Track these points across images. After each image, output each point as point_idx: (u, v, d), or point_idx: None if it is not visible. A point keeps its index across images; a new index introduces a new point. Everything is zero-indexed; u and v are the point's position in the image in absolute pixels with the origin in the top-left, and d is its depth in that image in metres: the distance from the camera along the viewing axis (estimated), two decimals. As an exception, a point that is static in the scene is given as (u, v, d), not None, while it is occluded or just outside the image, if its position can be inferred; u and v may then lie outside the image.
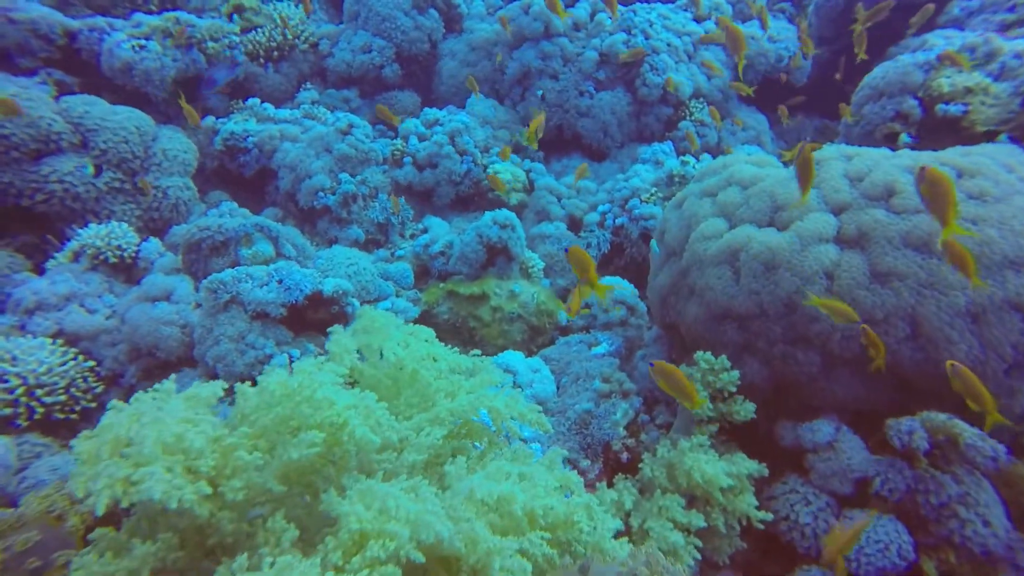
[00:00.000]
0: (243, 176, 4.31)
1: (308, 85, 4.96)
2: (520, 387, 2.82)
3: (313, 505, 1.39)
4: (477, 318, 3.47)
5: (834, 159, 2.51)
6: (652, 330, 3.49)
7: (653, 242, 3.18)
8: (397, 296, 3.54)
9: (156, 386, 1.46)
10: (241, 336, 2.56)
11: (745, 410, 2.34)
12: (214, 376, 2.58)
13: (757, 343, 2.44)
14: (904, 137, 3.62)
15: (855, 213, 2.32)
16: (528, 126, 4.63)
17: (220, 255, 3.15)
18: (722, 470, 2.17)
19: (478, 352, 3.25)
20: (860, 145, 2.78)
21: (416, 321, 3.58)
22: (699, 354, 2.44)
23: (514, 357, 2.95)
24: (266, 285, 2.62)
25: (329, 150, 4.13)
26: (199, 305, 2.73)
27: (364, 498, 1.24)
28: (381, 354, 1.77)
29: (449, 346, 3.65)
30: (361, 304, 3.30)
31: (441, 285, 3.61)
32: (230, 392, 1.56)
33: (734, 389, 2.35)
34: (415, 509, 1.22)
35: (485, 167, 4.44)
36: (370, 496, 1.25)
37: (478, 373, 1.99)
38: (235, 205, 3.60)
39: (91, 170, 3.10)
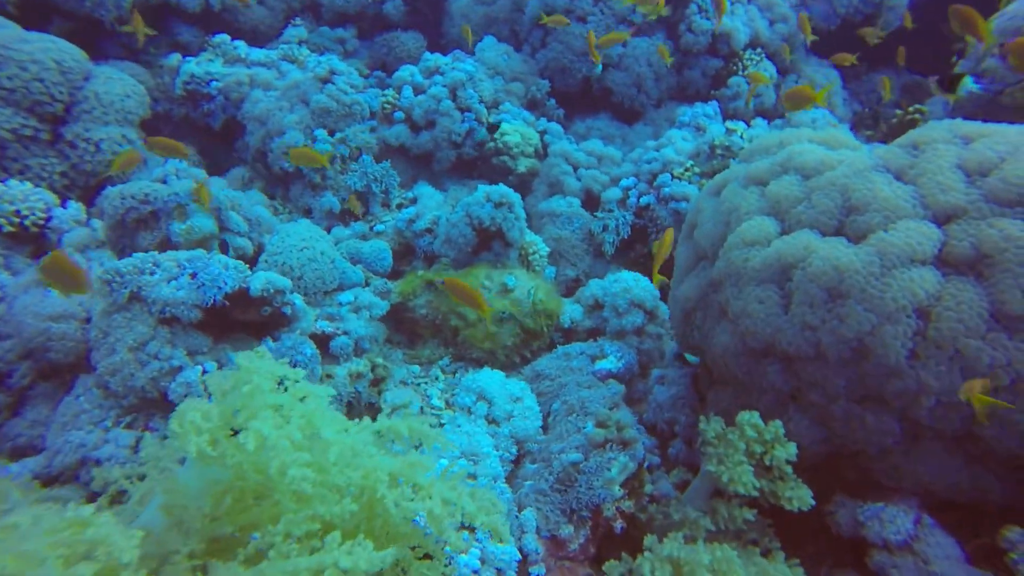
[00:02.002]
0: (212, 128, 3.73)
1: (297, 20, 4.30)
2: (496, 421, 2.23)
3: None
4: (460, 316, 2.87)
5: (942, 141, 1.76)
6: (673, 346, 2.83)
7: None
8: (368, 284, 2.95)
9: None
10: (142, 343, 2.02)
11: (801, 498, 1.70)
12: (108, 392, 2.06)
13: (809, 395, 1.78)
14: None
15: (972, 224, 1.60)
16: (545, 77, 3.89)
17: (148, 229, 2.60)
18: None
19: (445, 364, 2.69)
20: (978, 116, 2.01)
21: (390, 316, 3.00)
22: (744, 416, 1.79)
23: (490, 379, 2.36)
24: (175, 279, 2.06)
25: (306, 101, 3.50)
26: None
27: None
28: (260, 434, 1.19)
29: (427, 346, 3.09)
30: (324, 296, 2.74)
31: (420, 273, 3.01)
32: None
33: (788, 469, 1.72)
34: None
35: (492, 126, 3.75)
36: None
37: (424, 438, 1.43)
38: (183, 164, 3.04)
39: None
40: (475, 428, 2.18)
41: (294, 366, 2.22)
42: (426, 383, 2.87)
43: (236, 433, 1.22)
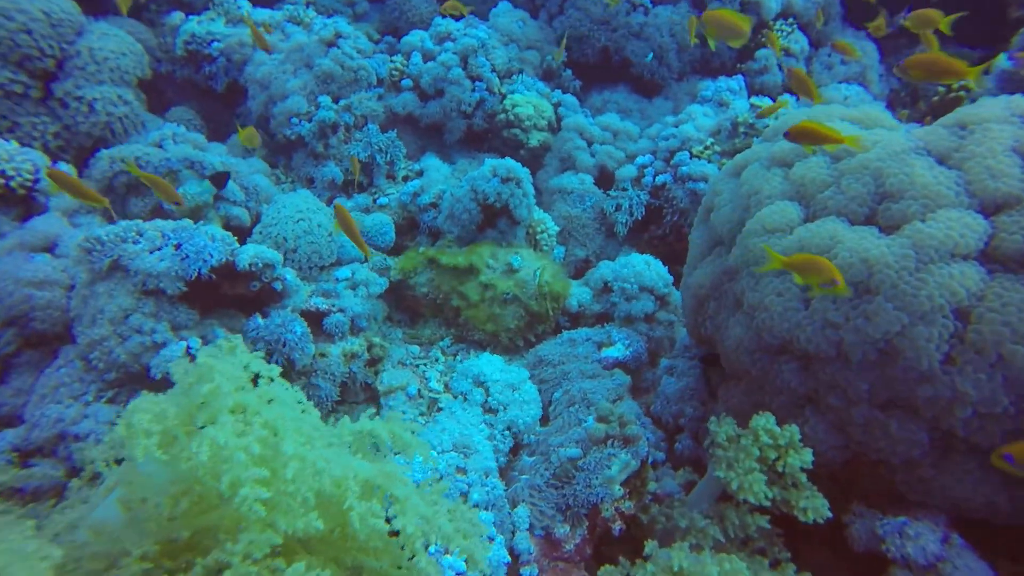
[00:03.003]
0: (214, 90, 3.60)
1: (305, -18, 4.12)
2: (493, 410, 2.12)
3: None
4: (462, 296, 2.74)
5: (996, 121, 1.59)
6: (685, 335, 2.69)
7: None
8: (367, 258, 2.84)
9: None
10: (123, 316, 1.93)
11: (816, 508, 1.57)
12: (88, 365, 1.98)
13: (827, 398, 1.64)
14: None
15: None
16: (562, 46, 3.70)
17: (139, 195, 2.50)
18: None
19: (446, 345, 2.61)
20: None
21: (391, 293, 2.89)
22: (758, 422, 1.66)
23: (489, 365, 2.24)
24: (159, 250, 1.96)
25: (310, 65, 3.36)
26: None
27: None
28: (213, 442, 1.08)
29: (427, 325, 2.97)
30: (320, 271, 2.63)
31: (421, 250, 2.88)
32: None
33: (803, 478, 1.59)
34: None
35: (503, 96, 3.58)
36: None
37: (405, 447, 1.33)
38: (180, 128, 2.92)
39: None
40: (470, 416, 2.07)
41: (283, 345, 2.13)
42: (425, 364, 2.77)
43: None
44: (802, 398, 1.72)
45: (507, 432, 2.08)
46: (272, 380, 1.25)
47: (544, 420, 2.30)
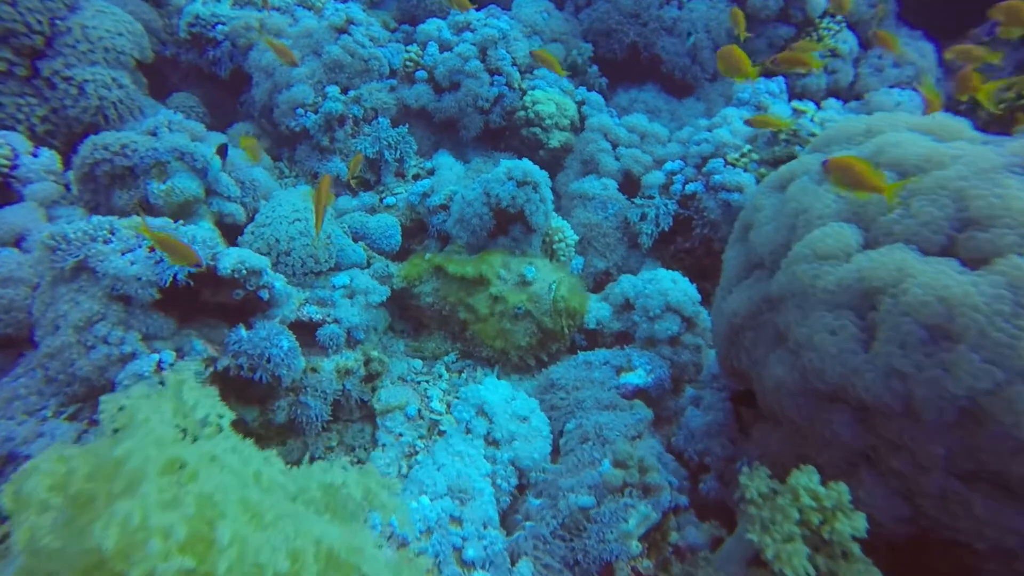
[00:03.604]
0: (218, 77, 3.41)
1: (320, -35, 3.90)
2: (496, 443, 1.89)
3: None
4: (470, 308, 2.52)
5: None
6: (713, 360, 2.44)
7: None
8: (370, 263, 2.62)
9: None
10: (89, 322, 1.73)
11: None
12: (47, 377, 1.78)
13: (891, 459, 1.39)
14: None
15: None
16: (588, 40, 3.45)
17: (124, 187, 2.30)
18: None
19: (451, 361, 2.39)
20: None
21: (394, 300, 2.67)
22: (800, 479, 1.43)
23: (493, 392, 2.01)
24: (131, 251, 1.75)
25: (318, 52, 3.15)
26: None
27: None
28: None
29: (432, 338, 2.75)
30: (316, 276, 2.41)
31: (428, 256, 2.66)
32: None
33: (855, 548, 1.35)
34: None
35: (524, 92, 3.35)
36: None
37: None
38: (177, 116, 2.72)
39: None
40: (470, 450, 1.85)
41: (267, 361, 1.92)
42: (428, 381, 2.55)
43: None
44: (857, 455, 1.47)
45: (511, 468, 1.86)
46: (221, 429, 1.03)
47: (554, 452, 2.07)
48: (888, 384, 1.35)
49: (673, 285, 2.49)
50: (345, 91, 3.15)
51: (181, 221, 2.42)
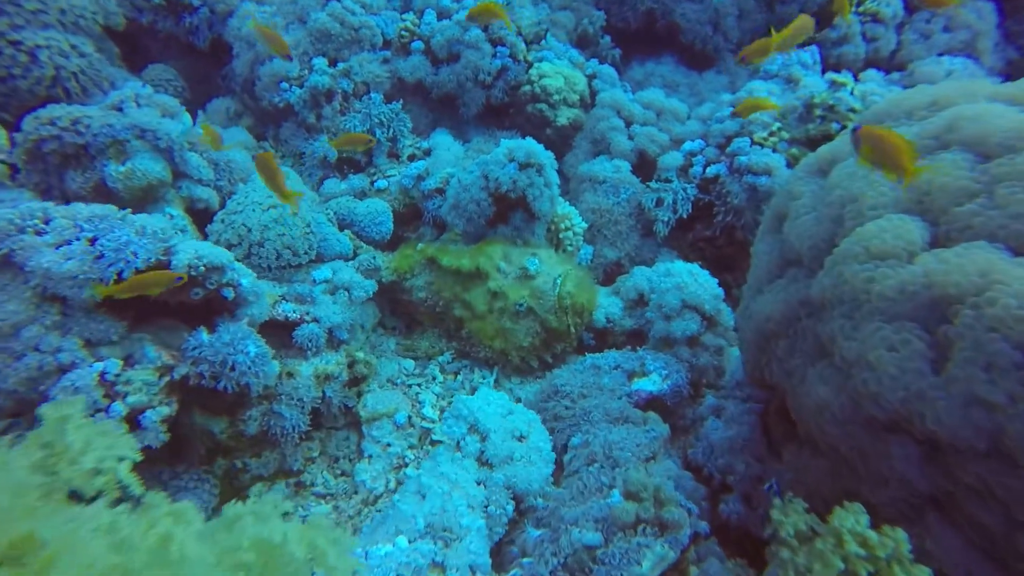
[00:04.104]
0: (197, 47, 3.15)
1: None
2: (490, 464, 1.65)
3: None
4: (466, 305, 2.28)
5: None
6: (736, 363, 2.19)
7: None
8: (357, 254, 2.38)
9: None
10: (15, 327, 1.50)
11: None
12: (-22, 388, 1.56)
13: (970, 506, 1.14)
14: None
15: None
16: (600, 7, 3.16)
17: (79, 169, 2.06)
18: None
19: (446, 362, 2.17)
20: None
21: (385, 294, 2.44)
22: (845, 520, 1.19)
23: (488, 405, 1.77)
24: (67, 245, 1.52)
25: (303, 20, 2.87)
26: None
27: None
28: None
29: (425, 336, 2.51)
30: (294, 270, 2.17)
31: (420, 246, 2.41)
32: None
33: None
34: None
35: (529, 64, 3.06)
36: None
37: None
38: (146, 89, 2.48)
39: None
40: (460, 472, 1.61)
41: (231, 369, 1.69)
42: (420, 385, 2.32)
43: None
44: (922, 498, 1.22)
45: (507, 494, 1.62)
46: (120, 482, 0.80)
47: (557, 466, 1.84)
48: (968, 416, 1.09)
49: (692, 279, 2.24)
50: (334, 63, 2.88)
51: (161, 205, 2.20)
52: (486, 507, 1.59)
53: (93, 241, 1.53)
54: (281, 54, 2.28)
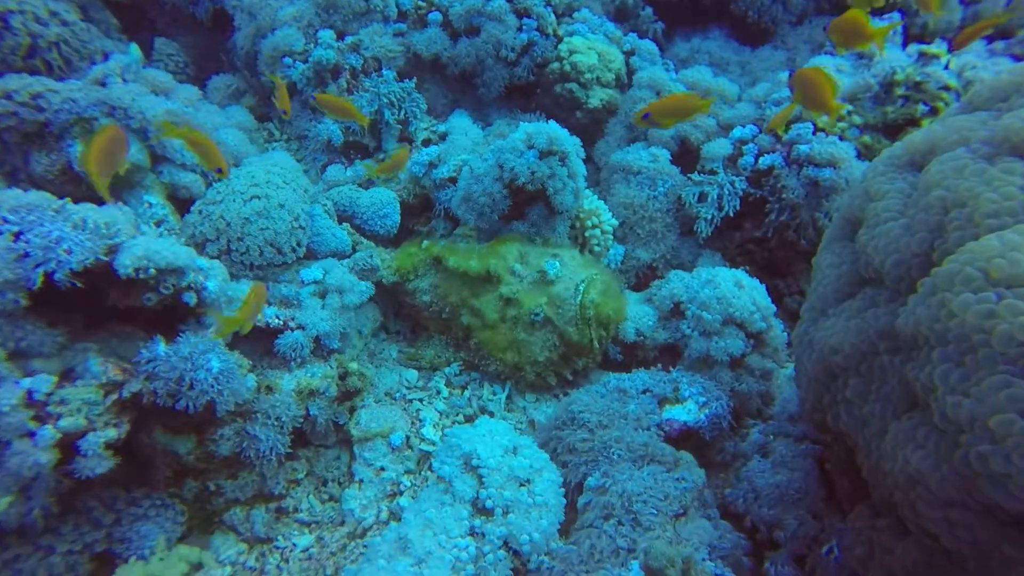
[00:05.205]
0: (198, 19, 2.92)
1: None
2: (487, 511, 1.37)
3: None
4: (475, 312, 1.99)
5: None
6: (790, 390, 1.85)
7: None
8: (355, 250, 2.11)
9: None
10: (-61, 336, 1.28)
11: None
12: None
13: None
14: None
15: None
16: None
17: (44, 149, 1.85)
18: None
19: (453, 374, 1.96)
20: None
21: (387, 295, 2.17)
22: None
23: (487, 440, 1.48)
24: (-9, 241, 1.28)
25: (310, -11, 2.61)
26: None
27: None
28: None
29: (431, 344, 2.21)
30: (281, 269, 1.92)
31: (424, 244, 2.13)
32: None
33: None
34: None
35: (559, 39, 2.73)
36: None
37: None
38: (134, 59, 2.25)
39: None
40: (449, 519, 1.34)
41: (190, 388, 1.44)
42: (422, 400, 2.06)
43: None
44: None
45: (505, 549, 1.34)
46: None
47: (571, 511, 1.55)
48: None
49: (738, 290, 1.90)
50: (342, 36, 2.60)
51: (138, 192, 1.97)
52: (476, 562, 1.31)
53: (19, 236, 1.29)
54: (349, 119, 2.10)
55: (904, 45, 2.25)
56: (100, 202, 1.57)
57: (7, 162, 1.87)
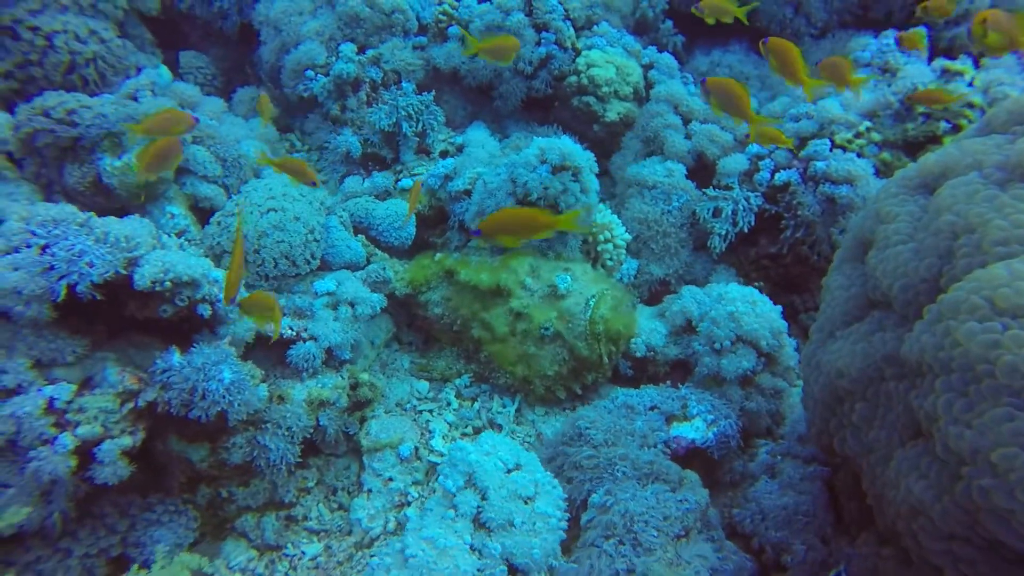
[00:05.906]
0: (225, 33, 3.00)
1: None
2: (488, 528, 1.38)
3: None
4: (485, 325, 2.01)
5: None
6: (800, 411, 1.83)
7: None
8: (370, 262, 2.15)
9: None
10: (-35, 344, 1.34)
11: None
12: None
13: None
14: None
15: None
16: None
17: (76, 162, 1.92)
18: None
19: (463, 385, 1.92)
20: None
21: (401, 307, 2.20)
22: None
23: (491, 455, 1.49)
24: (15, 252, 1.34)
25: (332, 3, 2.66)
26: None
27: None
28: None
29: (442, 356, 2.24)
30: (295, 280, 1.96)
31: (437, 257, 2.16)
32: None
33: None
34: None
35: (577, 52, 2.74)
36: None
37: None
38: (165, 77, 2.33)
39: None
40: (451, 535, 1.35)
41: (202, 398, 1.48)
42: (432, 411, 2.08)
43: None
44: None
45: (504, 568, 1.35)
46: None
47: (574, 526, 1.55)
48: None
49: (750, 308, 1.88)
50: (363, 50, 2.65)
51: (162, 203, 2.03)
52: (479, 581, 1.32)
53: (45, 249, 1.35)
54: None
55: (930, 61, 2.21)
56: (123, 214, 1.63)
57: (44, 175, 1.95)
